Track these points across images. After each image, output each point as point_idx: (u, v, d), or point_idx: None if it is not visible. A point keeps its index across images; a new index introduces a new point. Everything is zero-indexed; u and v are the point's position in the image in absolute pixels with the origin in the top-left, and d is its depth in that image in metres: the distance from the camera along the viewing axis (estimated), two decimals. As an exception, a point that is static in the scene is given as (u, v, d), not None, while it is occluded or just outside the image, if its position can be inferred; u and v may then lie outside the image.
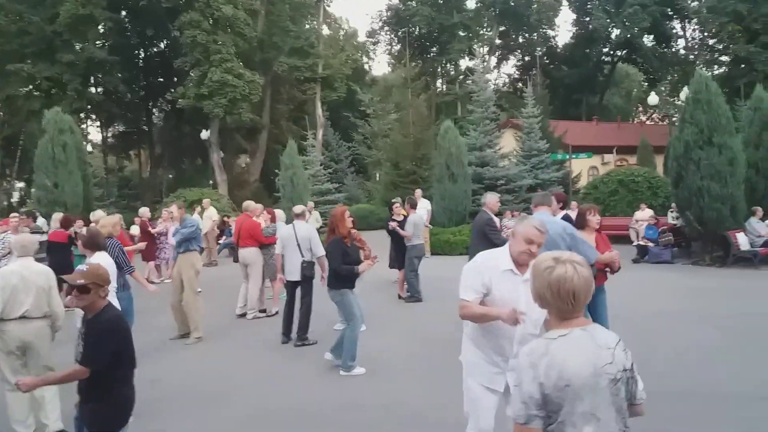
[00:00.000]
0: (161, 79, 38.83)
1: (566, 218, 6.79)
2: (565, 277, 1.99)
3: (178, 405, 5.51)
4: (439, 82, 50.84)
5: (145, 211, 13.97)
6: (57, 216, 10.78)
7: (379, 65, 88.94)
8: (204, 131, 30.14)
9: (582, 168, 28.25)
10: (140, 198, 34.91)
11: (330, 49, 39.46)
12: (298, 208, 7.88)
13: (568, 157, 22.42)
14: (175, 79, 34.82)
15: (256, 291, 9.42)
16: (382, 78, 49.96)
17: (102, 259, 4.95)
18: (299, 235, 7.41)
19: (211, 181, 31.92)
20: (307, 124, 28.83)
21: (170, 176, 41.73)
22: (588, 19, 44.15)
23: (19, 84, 30.21)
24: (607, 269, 5.37)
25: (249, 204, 10.14)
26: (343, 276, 6.29)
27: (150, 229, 13.12)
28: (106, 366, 3.15)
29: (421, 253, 10.21)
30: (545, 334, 2.07)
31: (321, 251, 7.23)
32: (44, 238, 10.34)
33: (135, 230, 13.75)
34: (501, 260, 3.15)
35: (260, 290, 9.48)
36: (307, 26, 38.12)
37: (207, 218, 15.80)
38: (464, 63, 49.50)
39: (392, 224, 10.39)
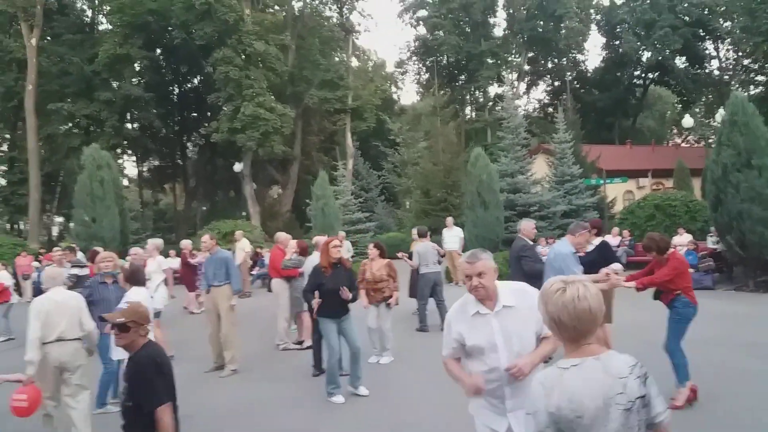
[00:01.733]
0: (195, 114, 39.88)
1: (603, 245, 6.66)
2: (578, 296, 1.99)
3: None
4: (468, 110, 50.97)
5: (186, 243, 14.20)
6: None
7: (408, 94, 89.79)
8: (237, 164, 30.68)
9: (617, 193, 27.83)
10: (175, 230, 35.56)
11: (359, 81, 40.04)
12: (318, 239, 7.88)
13: (602, 182, 22.11)
14: (209, 113, 35.69)
15: (282, 322, 9.42)
16: (410, 107, 50.39)
17: (141, 295, 5.04)
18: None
19: (244, 213, 32.37)
20: (338, 154, 29.14)
21: (204, 208, 42.50)
22: (618, 42, 43.96)
23: (59, 122, 31.41)
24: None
25: (279, 235, 10.33)
26: (324, 304, 6.40)
27: (189, 260, 13.33)
28: (148, 402, 3.13)
29: (430, 283, 10.01)
30: (558, 362, 2.05)
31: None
32: (85, 272, 10.56)
33: (171, 262, 13.95)
34: (469, 305, 3.07)
35: (287, 321, 9.46)
36: (337, 59, 38.82)
37: (240, 249, 15.94)
38: (493, 90, 49.62)
39: (401, 254, 10.68)
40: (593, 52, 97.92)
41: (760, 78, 33.20)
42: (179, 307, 13.71)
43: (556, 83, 50.03)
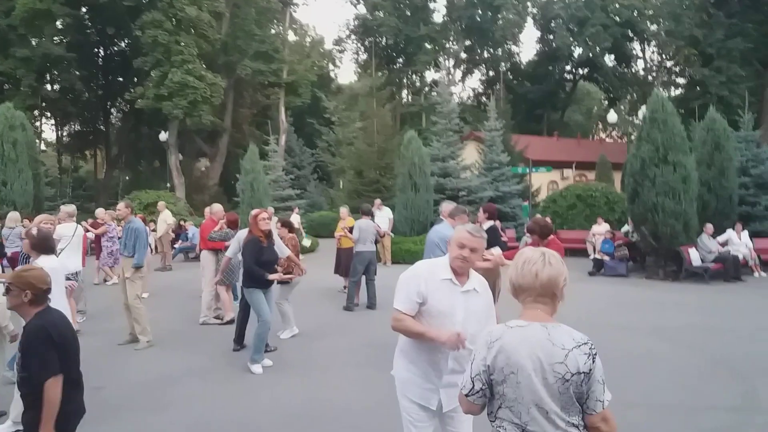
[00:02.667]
0: (120, 79, 37.97)
1: (492, 229, 6.87)
2: (532, 259, 2.12)
3: (120, 413, 5.27)
4: (404, 93, 51.17)
5: (100, 212, 13.44)
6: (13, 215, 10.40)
7: (345, 73, 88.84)
8: (162, 133, 29.52)
9: (542, 182, 28.74)
10: (95, 199, 33.94)
11: (295, 55, 39.26)
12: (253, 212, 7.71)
13: (528, 170, 22.73)
14: (135, 79, 34.10)
15: (207, 295, 9.18)
16: (347, 86, 49.97)
17: (50, 263, 4.71)
18: None
19: (168, 184, 31.22)
20: (270, 129, 28.52)
21: (127, 178, 40.77)
22: (552, 37, 45.16)
23: (-31, 77, 29.15)
24: None
25: (214, 206, 10.15)
26: (254, 276, 6.46)
27: (90, 229, 12.50)
28: (36, 374, 2.96)
29: (365, 261, 9.99)
30: (510, 321, 2.11)
31: (281, 253, 7.11)
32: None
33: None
34: (440, 269, 3.02)
35: (211, 294, 9.21)
36: (273, 31, 37.85)
37: (162, 221, 15.41)
38: (430, 75, 49.99)
39: (339, 232, 10.74)
40: (528, 45, 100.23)
41: (680, 80, 34.99)
42: (94, 277, 13.13)
43: (491, 73, 50.92)
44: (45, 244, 5.07)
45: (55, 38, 31.65)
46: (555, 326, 2.06)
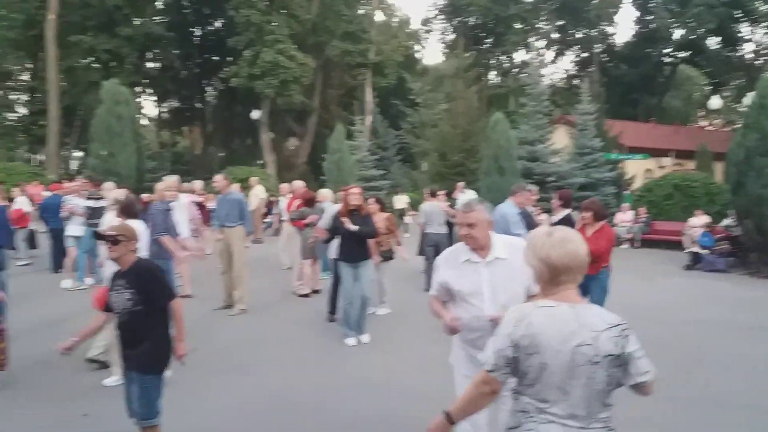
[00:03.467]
0: (216, 58, 39.48)
1: (567, 218, 6.58)
2: (569, 237, 2.07)
3: (211, 374, 5.60)
4: (492, 74, 50.13)
5: (198, 185, 14.17)
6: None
7: (432, 54, 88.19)
8: (255, 111, 30.51)
9: (637, 170, 27.44)
10: (192, 174, 35.65)
11: (382, 36, 39.31)
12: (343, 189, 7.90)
13: (622, 157, 21.79)
14: (229, 58, 35.33)
15: (295, 270, 9.49)
16: (433, 67, 49.48)
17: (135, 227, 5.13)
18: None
19: (260, 161, 32.32)
20: (356, 109, 28.85)
21: (221, 154, 42.48)
22: (650, 17, 42.74)
23: (79, 55, 31.16)
24: None
25: (295, 183, 10.48)
26: (342, 249, 6.69)
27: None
28: (159, 297, 3.47)
29: (432, 243, 9.91)
30: (539, 301, 2.09)
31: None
32: (101, 204, 10.59)
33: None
34: (460, 252, 3.11)
35: (300, 269, 9.50)
36: (361, 11, 38.05)
37: (254, 196, 15.98)
38: (519, 56, 48.67)
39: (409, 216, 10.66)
40: (624, 26, 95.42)
41: (794, 64, 32.24)
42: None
43: (584, 55, 48.92)
44: (130, 210, 5.52)
45: (156, 18, 33.31)
46: (586, 307, 2.02)
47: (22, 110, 37.28)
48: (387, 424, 4.59)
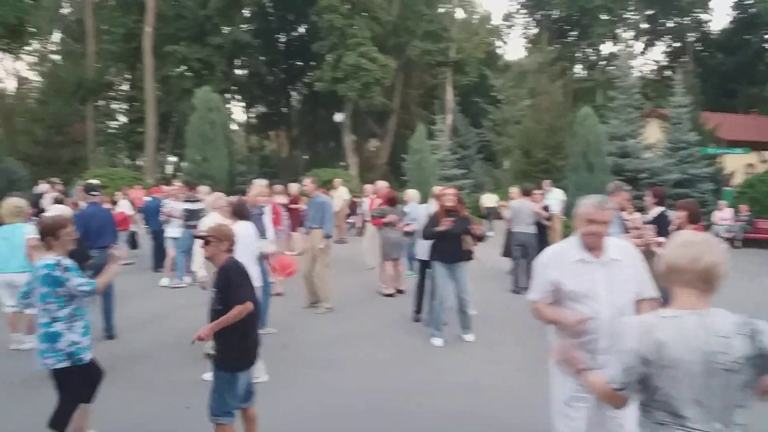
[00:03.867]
0: (300, 63, 40.52)
1: (662, 216, 6.20)
2: (693, 242, 1.97)
3: (301, 370, 5.74)
4: (577, 68, 48.50)
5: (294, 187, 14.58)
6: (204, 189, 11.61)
7: (514, 49, 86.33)
8: (338, 114, 31.09)
9: (737, 165, 25.74)
10: (278, 177, 36.80)
11: (463, 33, 38.92)
12: (436, 189, 7.87)
13: (720, 151, 20.50)
14: (313, 63, 36.17)
15: (377, 269, 9.58)
16: (516, 63, 48.49)
17: (246, 229, 5.32)
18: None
19: (343, 163, 32.90)
20: (437, 108, 28.74)
21: (305, 157, 43.57)
22: (750, 1, 39.91)
23: (173, 65, 32.92)
24: None
25: (378, 184, 10.51)
26: (435, 249, 6.65)
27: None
28: (233, 298, 3.58)
29: (519, 243, 9.72)
30: (659, 311, 2.01)
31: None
32: (198, 206, 11.13)
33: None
34: (570, 250, 2.95)
35: (382, 268, 9.57)
36: (441, 10, 37.87)
37: (338, 197, 16.25)
38: (606, 48, 46.82)
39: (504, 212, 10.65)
40: (720, 12, 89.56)
41: None
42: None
43: (676, 44, 46.37)
44: (241, 211, 5.72)
45: (243, 26, 34.66)
46: (710, 313, 1.91)
47: (123, 119, 39.85)
48: (475, 425, 4.55)
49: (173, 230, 10.26)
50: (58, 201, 9.57)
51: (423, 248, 7.39)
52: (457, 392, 5.21)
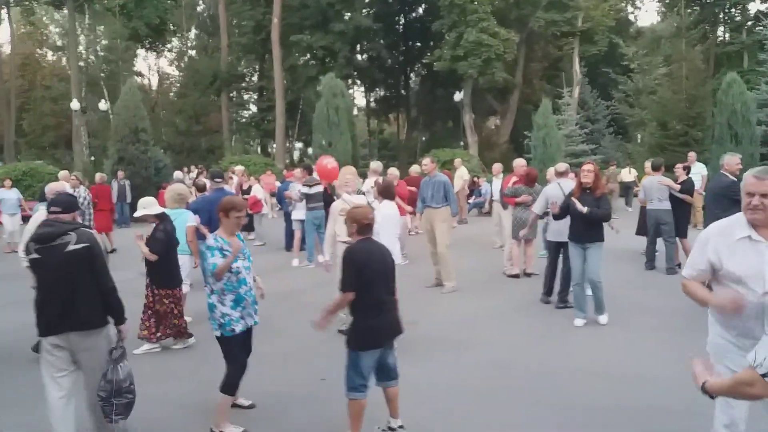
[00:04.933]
0: (418, 44, 40.52)
1: None
2: None
3: (433, 348, 5.80)
4: (720, 30, 44.23)
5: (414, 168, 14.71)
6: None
7: (647, 14, 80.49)
8: (457, 93, 30.76)
9: None
10: (397, 158, 37.27)
11: (591, 0, 36.82)
12: (561, 166, 7.57)
13: None
14: (431, 43, 36.00)
15: (506, 249, 9.40)
16: (649, 29, 45.18)
17: (390, 208, 5.47)
18: (566, 191, 7.04)
19: (461, 143, 32.60)
20: (563, 81, 27.53)
21: (423, 138, 43.71)
22: None
23: (299, 53, 34.20)
24: None
25: (516, 161, 10.15)
26: (571, 228, 6.48)
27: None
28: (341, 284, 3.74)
29: (651, 220, 9.19)
30: None
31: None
32: (315, 190, 11.53)
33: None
34: (735, 228, 2.67)
35: (510, 247, 9.37)
36: (567, -23, 36.01)
37: (458, 177, 16.13)
38: (754, 6, 42.17)
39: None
40: None
41: None
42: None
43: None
44: (387, 191, 5.87)
45: (364, 11, 35.18)
46: None
47: (253, 108, 42.19)
48: (608, 413, 4.35)
49: (298, 213, 10.71)
50: (199, 187, 10.33)
51: (555, 229, 7.17)
52: (589, 376, 5.03)
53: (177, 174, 18.54)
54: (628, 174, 19.10)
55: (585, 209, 6.14)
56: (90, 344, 3.62)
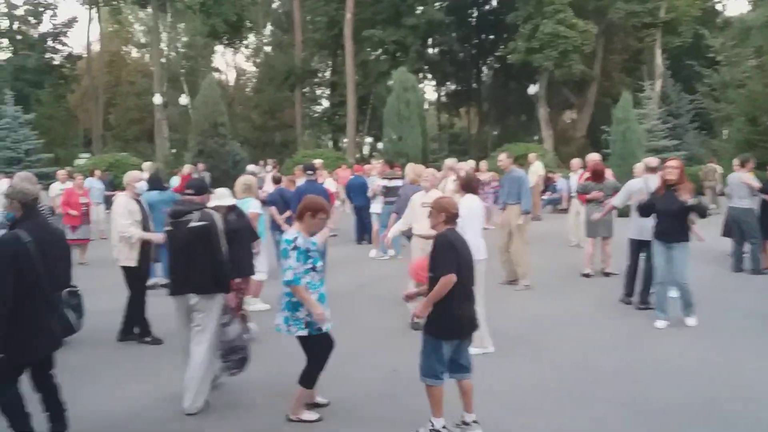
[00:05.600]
0: (491, 36, 39.86)
1: None
2: None
3: (512, 347, 5.69)
4: (819, 18, 41.13)
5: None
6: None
7: (736, 4, 75.97)
8: (532, 86, 30.11)
9: None
10: (467, 153, 36.88)
11: (675, -10, 35.09)
12: (653, 161, 7.21)
13: None
14: (505, 35, 35.35)
15: (588, 247, 9.05)
16: (737, 19, 42.58)
17: (473, 202, 5.48)
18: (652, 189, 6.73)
19: (536, 137, 31.87)
20: (644, 74, 26.38)
21: (495, 133, 43.04)
22: None
23: (371, 48, 34.35)
24: None
25: (590, 156, 9.87)
26: (656, 226, 6.25)
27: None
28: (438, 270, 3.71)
29: (733, 219, 8.81)
30: None
31: None
32: (394, 184, 11.56)
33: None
34: None
35: (588, 246, 9.05)
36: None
37: (533, 173, 15.76)
38: None
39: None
40: None
41: None
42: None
43: None
44: (469, 185, 5.83)
45: (436, 4, 34.94)
46: None
47: (325, 103, 42.78)
48: (696, 416, 4.14)
49: (376, 206, 10.79)
50: (275, 180, 10.56)
51: (637, 227, 6.88)
52: (678, 380, 4.82)
53: (251, 167, 18.99)
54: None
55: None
56: (202, 306, 4.32)
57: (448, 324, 3.74)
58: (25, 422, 3.63)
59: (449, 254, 3.72)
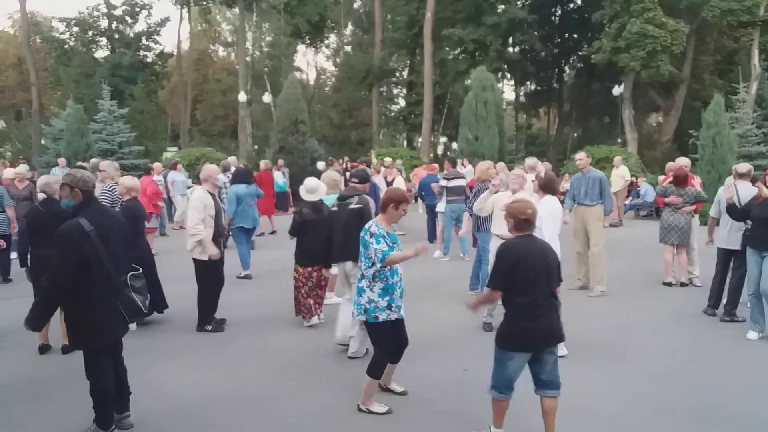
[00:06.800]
0: (575, 35, 38.78)
1: None
2: None
3: (581, 354, 5.56)
4: None
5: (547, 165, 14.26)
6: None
7: None
8: (616, 87, 29.05)
9: None
10: (545, 155, 36.04)
11: (777, -14, 32.86)
12: (743, 167, 6.82)
13: None
14: (589, 34, 34.30)
15: (666, 255, 8.67)
16: None
17: (552, 203, 5.50)
18: (741, 195, 6.41)
19: (619, 140, 30.76)
20: (738, 76, 24.86)
21: (575, 134, 41.85)
22: None
23: (450, 47, 34.18)
24: None
25: (679, 160, 9.35)
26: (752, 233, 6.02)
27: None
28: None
29: None
30: None
31: None
32: (453, 183, 11.51)
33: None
34: None
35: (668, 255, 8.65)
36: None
37: (618, 176, 15.27)
38: None
39: None
40: None
41: None
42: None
43: None
44: (550, 186, 5.81)
45: (518, 2, 34.35)
46: None
47: (402, 102, 42.97)
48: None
49: (440, 205, 10.80)
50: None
51: (723, 236, 6.57)
52: (762, 393, 4.59)
53: (320, 165, 19.15)
54: None
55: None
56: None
57: (513, 335, 3.64)
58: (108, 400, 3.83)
59: (499, 268, 3.63)
